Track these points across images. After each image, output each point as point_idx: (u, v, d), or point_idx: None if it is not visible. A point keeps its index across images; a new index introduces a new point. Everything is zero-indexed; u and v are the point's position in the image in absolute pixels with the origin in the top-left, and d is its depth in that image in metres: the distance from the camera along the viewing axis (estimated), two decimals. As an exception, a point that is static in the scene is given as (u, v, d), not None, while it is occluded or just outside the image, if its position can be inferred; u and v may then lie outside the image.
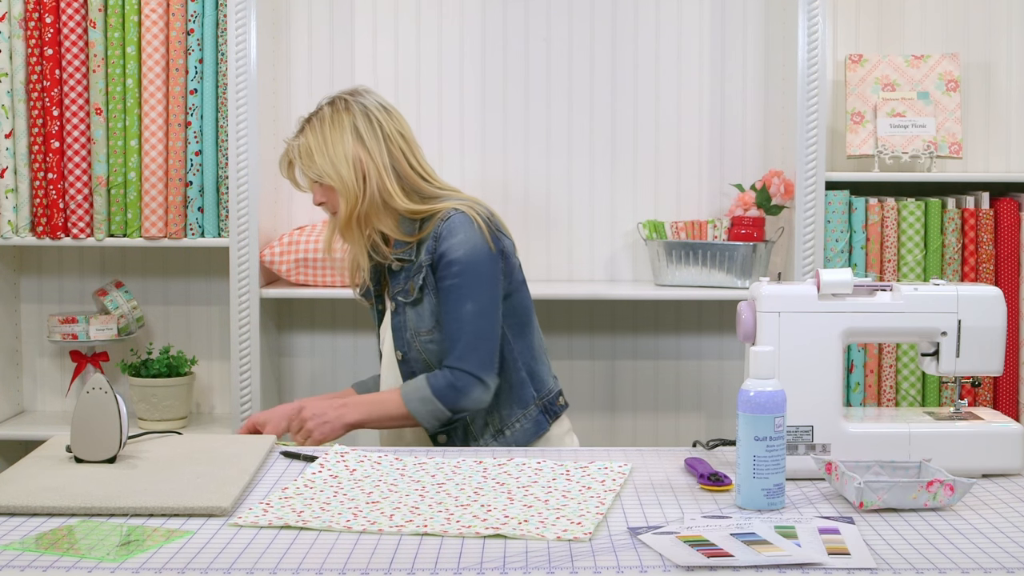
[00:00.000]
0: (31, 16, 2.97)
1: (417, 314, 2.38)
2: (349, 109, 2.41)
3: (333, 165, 2.38)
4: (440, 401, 2.31)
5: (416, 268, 2.38)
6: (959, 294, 1.98)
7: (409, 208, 2.39)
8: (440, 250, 2.35)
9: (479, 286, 2.34)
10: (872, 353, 3.06)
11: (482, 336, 2.34)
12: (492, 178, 3.25)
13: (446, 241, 2.34)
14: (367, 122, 2.41)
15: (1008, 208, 3.05)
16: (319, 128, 2.41)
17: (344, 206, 2.38)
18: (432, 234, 2.36)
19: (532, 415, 2.43)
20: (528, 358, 2.45)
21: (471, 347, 2.33)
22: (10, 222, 3.03)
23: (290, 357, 3.31)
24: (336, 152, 2.38)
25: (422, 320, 2.38)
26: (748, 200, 3.07)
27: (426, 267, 2.36)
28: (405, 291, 2.40)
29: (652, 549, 1.57)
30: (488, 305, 2.35)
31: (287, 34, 3.24)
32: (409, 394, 2.34)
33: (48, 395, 3.31)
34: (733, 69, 3.26)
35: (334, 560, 1.53)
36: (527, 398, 2.43)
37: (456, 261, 2.33)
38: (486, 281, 2.35)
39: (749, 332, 1.98)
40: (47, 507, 1.72)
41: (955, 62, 3.15)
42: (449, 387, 2.32)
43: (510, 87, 3.26)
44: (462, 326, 2.33)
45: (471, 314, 2.33)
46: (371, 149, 2.39)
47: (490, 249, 2.36)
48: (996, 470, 1.95)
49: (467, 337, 2.33)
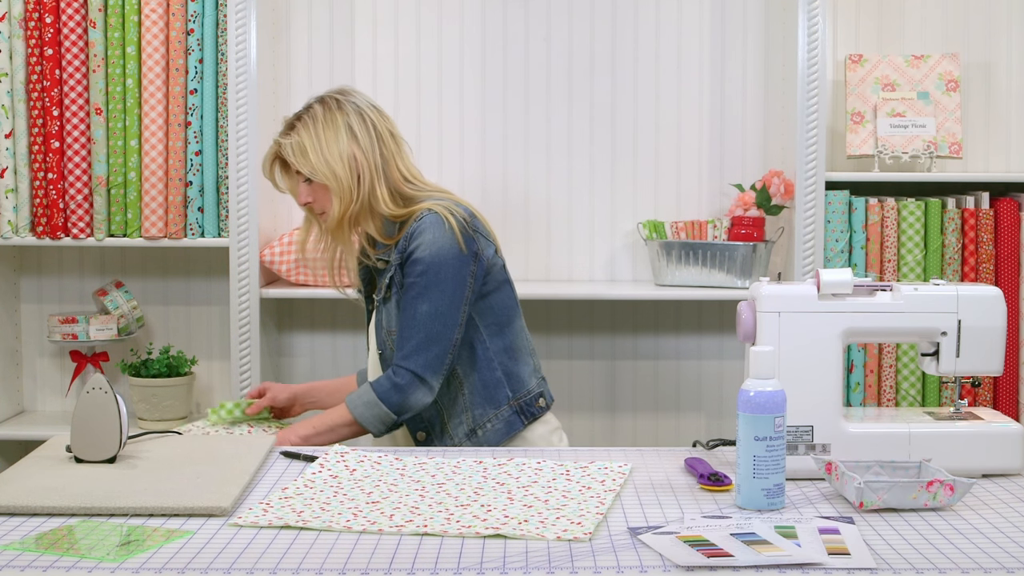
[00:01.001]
0: (31, 16, 2.97)
1: (387, 312, 2.39)
2: (342, 108, 2.40)
3: (328, 163, 2.36)
4: (384, 404, 2.31)
5: (391, 269, 2.38)
6: (959, 294, 1.98)
7: (391, 212, 2.39)
8: (409, 249, 2.34)
9: (439, 287, 2.32)
10: (872, 353, 3.06)
11: (433, 338, 2.32)
12: (492, 178, 3.26)
13: (415, 241, 2.33)
14: (361, 121, 2.40)
15: (1008, 208, 3.05)
16: (312, 126, 2.39)
17: (338, 205, 2.37)
18: (406, 235, 2.36)
19: (504, 415, 2.41)
20: (505, 358, 2.43)
21: (419, 347, 2.31)
22: (10, 222, 3.03)
23: (290, 357, 3.31)
24: (331, 150, 2.37)
25: (391, 318, 2.38)
26: (748, 200, 3.07)
27: (395, 266, 2.36)
28: (380, 290, 2.41)
29: (652, 549, 1.57)
30: (445, 307, 2.33)
31: (287, 34, 3.24)
32: (354, 400, 2.34)
33: (48, 395, 3.31)
34: (733, 69, 3.26)
35: (334, 560, 1.53)
36: (500, 398, 2.41)
37: (420, 260, 2.32)
38: (448, 283, 2.33)
39: (749, 332, 1.98)
40: (47, 507, 1.72)
41: (955, 62, 3.15)
42: (393, 388, 2.31)
43: (510, 87, 3.26)
44: (415, 326, 2.32)
45: (425, 315, 2.32)
46: (365, 148, 2.38)
47: (459, 251, 2.33)
48: (996, 470, 1.95)
49: (418, 337, 2.32)
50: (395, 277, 2.36)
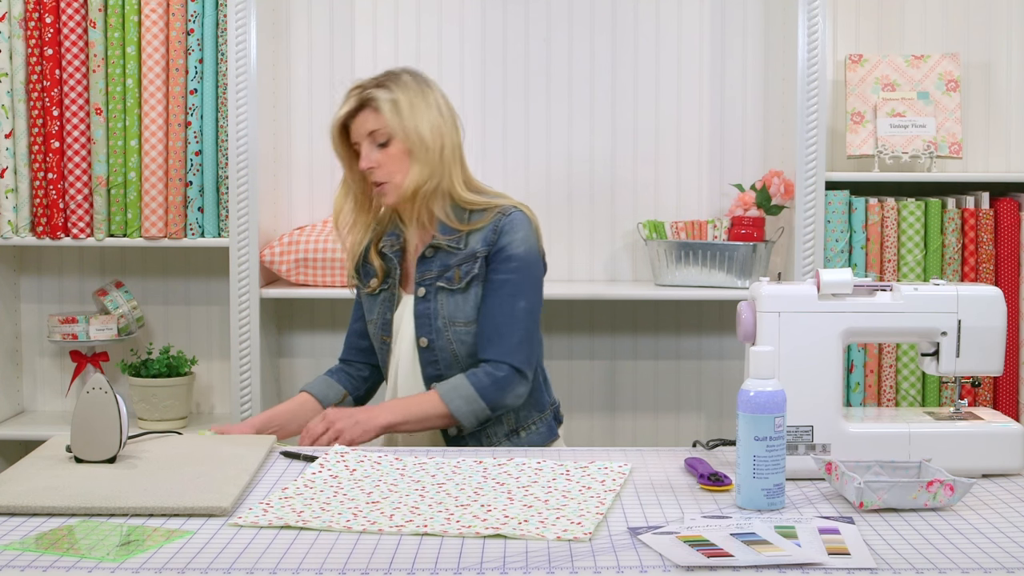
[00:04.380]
0: (31, 16, 2.98)
1: (456, 303, 2.35)
2: (430, 85, 2.38)
3: (418, 128, 2.32)
4: (483, 399, 2.30)
5: (465, 257, 2.34)
6: (959, 294, 1.98)
7: (466, 198, 2.37)
8: (500, 244, 2.33)
9: (531, 286, 2.34)
10: (872, 353, 3.06)
11: (530, 335, 2.34)
12: (492, 178, 3.25)
13: (507, 236, 2.33)
14: (446, 103, 2.39)
15: (1008, 208, 3.05)
16: (406, 89, 2.34)
17: (418, 174, 2.32)
18: (491, 226, 2.34)
19: (547, 420, 2.44)
20: (541, 365, 2.47)
21: (521, 343, 2.32)
22: (10, 222, 3.03)
23: (290, 357, 3.31)
24: (423, 117, 2.33)
25: (461, 310, 2.35)
26: (748, 200, 3.07)
27: (481, 258, 2.34)
28: (447, 278, 2.35)
29: (652, 549, 1.57)
30: (536, 306, 2.36)
31: (287, 34, 3.24)
32: (449, 393, 2.30)
33: (48, 395, 3.31)
34: (733, 69, 3.26)
35: (334, 560, 1.53)
36: (544, 403, 2.44)
37: (515, 257, 2.32)
38: (537, 283, 2.36)
39: (749, 332, 1.98)
40: (47, 507, 1.72)
41: (955, 62, 3.15)
42: (493, 384, 2.30)
43: (510, 87, 3.26)
44: (514, 322, 2.32)
45: (524, 311, 2.32)
46: (450, 128, 2.37)
47: (542, 253, 2.39)
48: (996, 470, 1.95)
49: (519, 333, 2.32)
50: (471, 268, 2.33)
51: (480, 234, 2.35)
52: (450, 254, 2.36)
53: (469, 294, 2.34)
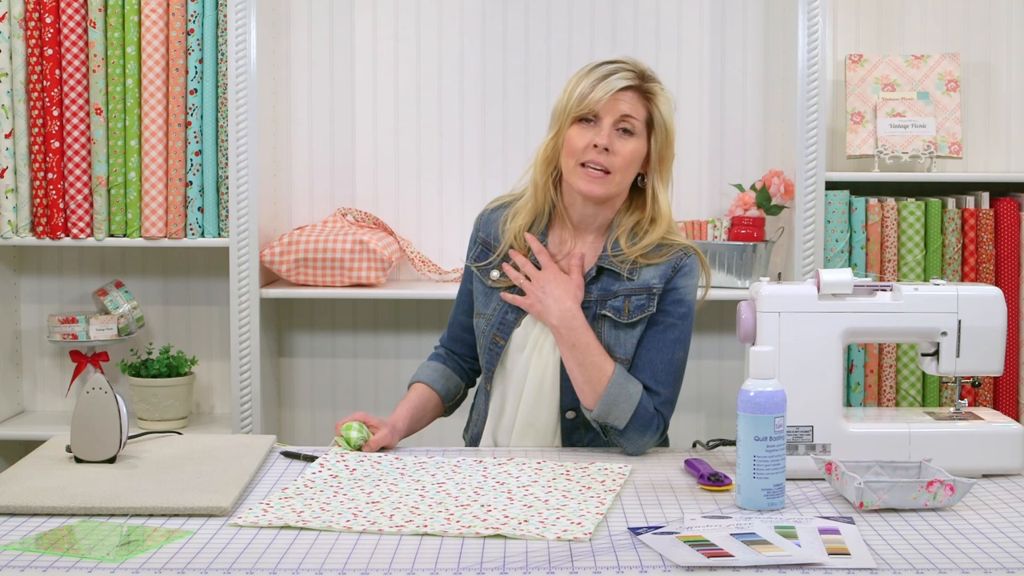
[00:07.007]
0: (31, 16, 2.97)
1: (618, 337, 2.18)
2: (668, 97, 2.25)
3: (668, 136, 2.23)
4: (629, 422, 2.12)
5: (637, 289, 2.19)
6: (959, 294, 1.98)
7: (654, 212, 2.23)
8: (676, 284, 2.19)
9: (688, 339, 2.23)
10: (872, 353, 3.06)
11: (678, 391, 2.22)
12: (492, 178, 3.25)
13: (684, 279, 2.20)
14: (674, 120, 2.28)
15: (1008, 208, 3.05)
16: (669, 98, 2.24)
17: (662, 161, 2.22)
18: (672, 263, 2.20)
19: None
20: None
21: (673, 398, 2.21)
22: (10, 222, 3.03)
23: (290, 357, 3.31)
24: (672, 130, 2.24)
25: (622, 346, 2.18)
26: (748, 200, 3.07)
27: (657, 294, 2.19)
28: (614, 308, 2.19)
29: (652, 549, 1.57)
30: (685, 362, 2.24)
31: (287, 34, 3.24)
32: (619, 379, 2.13)
33: (48, 395, 3.31)
34: (733, 69, 3.26)
35: (334, 560, 1.53)
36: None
37: (684, 303, 2.20)
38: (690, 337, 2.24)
39: (749, 332, 1.98)
40: (47, 507, 1.72)
41: (955, 62, 3.15)
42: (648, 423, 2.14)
43: (510, 87, 3.26)
44: (672, 372, 2.19)
45: (680, 363, 2.21)
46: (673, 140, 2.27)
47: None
48: (996, 470, 1.96)
49: (676, 386, 2.21)
50: (645, 304, 2.19)
51: (657, 269, 2.20)
52: (615, 280, 2.21)
53: (635, 331, 2.18)
